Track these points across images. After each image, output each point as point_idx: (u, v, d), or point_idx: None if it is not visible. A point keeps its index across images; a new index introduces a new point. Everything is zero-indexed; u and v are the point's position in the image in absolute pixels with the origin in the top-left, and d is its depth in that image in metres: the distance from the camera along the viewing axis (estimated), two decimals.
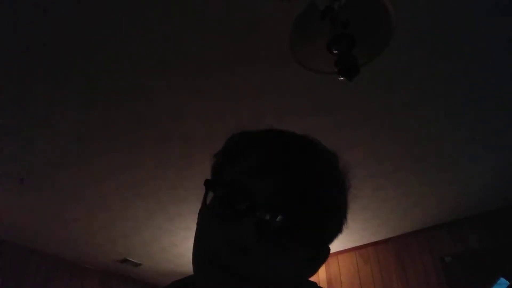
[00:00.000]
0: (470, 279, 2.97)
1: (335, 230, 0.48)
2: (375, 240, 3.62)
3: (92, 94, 1.87)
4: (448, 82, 1.88)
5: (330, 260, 3.86)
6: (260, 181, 0.42)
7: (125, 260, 3.78)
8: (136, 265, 3.89)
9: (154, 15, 1.49)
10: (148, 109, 1.97)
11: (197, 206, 0.48)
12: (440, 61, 1.76)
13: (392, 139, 2.28)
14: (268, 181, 0.41)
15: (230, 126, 2.12)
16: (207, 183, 0.45)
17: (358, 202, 2.95)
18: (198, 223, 0.45)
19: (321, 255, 0.48)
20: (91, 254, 3.66)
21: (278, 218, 0.40)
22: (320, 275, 3.83)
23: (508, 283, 2.81)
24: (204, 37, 1.60)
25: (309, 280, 0.51)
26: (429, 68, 1.79)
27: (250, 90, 1.88)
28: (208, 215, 0.44)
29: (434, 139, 2.29)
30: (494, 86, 1.92)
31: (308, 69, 1.35)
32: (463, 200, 2.98)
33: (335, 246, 3.73)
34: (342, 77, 1.11)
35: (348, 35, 1.10)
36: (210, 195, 0.45)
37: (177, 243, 3.43)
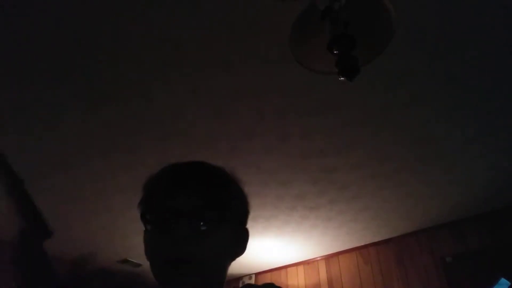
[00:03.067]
0: (471, 279, 2.96)
1: (240, 213, 0.67)
2: (376, 240, 3.62)
3: (92, 94, 1.87)
4: (448, 82, 1.88)
5: (331, 260, 3.86)
6: (176, 198, 0.60)
7: (125, 261, 3.78)
8: (137, 265, 3.89)
9: (154, 15, 1.49)
10: (148, 109, 1.97)
11: None
12: (440, 61, 1.75)
13: (393, 139, 2.28)
14: (183, 196, 0.60)
15: (230, 126, 2.12)
16: (143, 217, 0.63)
17: (359, 202, 2.95)
18: (145, 243, 0.64)
19: (241, 235, 0.68)
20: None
21: (200, 214, 0.58)
22: (321, 275, 3.83)
23: (509, 283, 2.80)
24: (204, 37, 1.60)
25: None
26: (429, 68, 1.79)
27: (250, 90, 1.88)
28: (152, 234, 0.61)
29: (435, 139, 2.29)
30: (494, 86, 1.91)
31: (308, 69, 1.34)
32: (463, 200, 2.98)
33: (336, 246, 3.74)
34: (342, 77, 1.11)
35: (349, 36, 1.10)
36: (148, 223, 0.62)
37: None
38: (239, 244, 0.67)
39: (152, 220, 0.62)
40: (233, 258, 0.67)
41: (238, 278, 4.37)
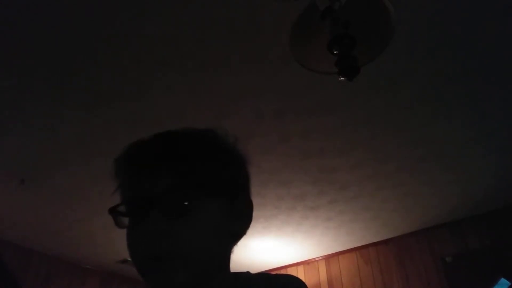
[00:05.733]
0: (471, 279, 2.96)
1: (228, 182, 0.56)
2: (376, 240, 3.62)
3: (92, 94, 1.87)
4: (448, 82, 1.88)
5: (330, 260, 3.86)
6: (141, 184, 0.53)
7: (125, 261, 3.77)
8: None
9: (154, 15, 1.49)
10: (148, 109, 1.97)
11: None
12: (440, 61, 1.75)
13: (393, 139, 2.27)
14: (148, 180, 0.52)
15: (230, 126, 2.12)
16: (111, 211, 0.55)
17: (359, 202, 2.95)
18: (126, 239, 0.53)
19: (238, 208, 0.57)
20: (92, 255, 3.66)
21: (171, 197, 0.50)
22: (321, 275, 3.83)
23: (509, 283, 2.80)
24: (204, 37, 1.60)
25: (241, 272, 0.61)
26: (429, 68, 1.79)
27: (250, 90, 1.88)
28: (128, 229, 0.52)
29: (435, 139, 2.28)
30: (494, 86, 1.91)
31: (308, 69, 1.34)
32: (463, 200, 2.98)
33: (336, 246, 3.74)
34: (342, 77, 1.10)
35: (349, 36, 1.10)
36: (120, 217, 0.54)
37: None
38: (237, 220, 0.57)
39: (124, 212, 0.54)
40: (235, 238, 0.57)
41: None
